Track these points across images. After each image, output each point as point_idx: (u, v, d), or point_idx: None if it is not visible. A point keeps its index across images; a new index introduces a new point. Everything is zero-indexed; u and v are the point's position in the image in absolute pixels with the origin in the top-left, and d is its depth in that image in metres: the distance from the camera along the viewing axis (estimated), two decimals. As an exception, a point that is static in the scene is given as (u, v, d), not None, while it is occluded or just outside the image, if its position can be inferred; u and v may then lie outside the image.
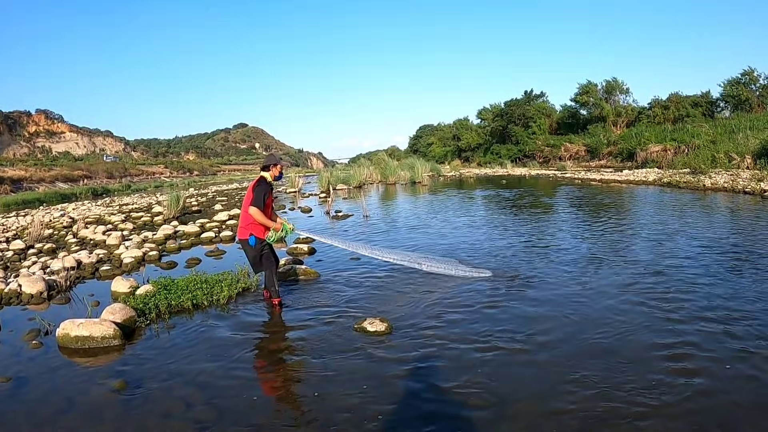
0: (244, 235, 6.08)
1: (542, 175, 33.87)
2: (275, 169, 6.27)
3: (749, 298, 5.51)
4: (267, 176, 6.20)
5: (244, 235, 6.08)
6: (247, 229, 6.04)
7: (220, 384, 4.13)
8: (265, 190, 6.05)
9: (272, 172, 6.24)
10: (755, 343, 4.34)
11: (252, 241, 6.00)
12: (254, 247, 6.02)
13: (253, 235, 6.00)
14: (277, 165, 6.31)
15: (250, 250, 6.08)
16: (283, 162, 6.72)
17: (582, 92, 50.03)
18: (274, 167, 6.26)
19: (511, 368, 4.15)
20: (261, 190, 6.01)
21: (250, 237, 6.00)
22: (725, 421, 3.24)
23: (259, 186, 6.04)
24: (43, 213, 22.00)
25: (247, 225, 6.06)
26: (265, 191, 6.05)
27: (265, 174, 6.21)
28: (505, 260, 7.97)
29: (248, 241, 6.01)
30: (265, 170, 6.24)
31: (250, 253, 6.11)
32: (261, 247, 6.05)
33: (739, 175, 19.19)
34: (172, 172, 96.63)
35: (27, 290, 7.03)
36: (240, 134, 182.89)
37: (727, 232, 9.37)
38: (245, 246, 6.12)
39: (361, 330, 5.10)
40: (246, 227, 6.06)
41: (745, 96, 40.49)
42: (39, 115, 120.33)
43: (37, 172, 63.10)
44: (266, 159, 6.39)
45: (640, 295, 5.83)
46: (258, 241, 6.01)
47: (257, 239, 6.01)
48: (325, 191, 24.74)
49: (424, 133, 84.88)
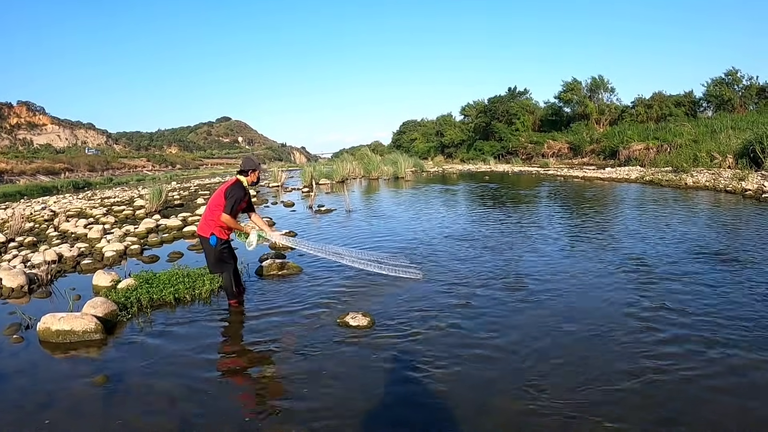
0: (205, 233, 5.88)
1: (525, 171, 34.02)
2: (253, 175, 6.08)
3: (731, 296, 5.63)
4: (243, 181, 6.00)
5: (205, 233, 5.88)
6: (209, 227, 5.85)
7: (202, 379, 4.13)
8: (238, 196, 5.84)
9: (250, 177, 6.05)
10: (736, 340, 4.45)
11: (213, 241, 5.81)
12: (214, 247, 5.83)
13: (215, 235, 5.81)
14: (255, 171, 6.11)
15: (209, 249, 5.87)
16: (261, 167, 6.45)
17: (567, 89, 50.25)
18: (252, 173, 6.07)
19: (492, 363, 4.21)
20: (234, 195, 5.80)
21: (211, 236, 5.81)
22: (702, 412, 3.33)
23: (233, 190, 5.84)
24: (24, 206, 21.70)
25: (210, 224, 5.86)
26: (238, 197, 5.84)
27: (241, 178, 6.00)
28: (488, 255, 8.03)
29: (209, 239, 5.82)
30: (242, 174, 6.05)
31: (209, 252, 5.90)
32: (221, 248, 5.88)
33: (721, 174, 19.43)
34: (154, 166, 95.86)
35: (7, 284, 6.96)
36: (223, 128, 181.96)
37: (709, 230, 9.50)
38: (205, 244, 5.92)
39: (343, 324, 5.13)
40: (208, 225, 5.86)
41: (727, 96, 40.92)
42: (20, 106, 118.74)
43: (18, 164, 62.38)
44: (244, 163, 6.15)
45: (619, 289, 5.95)
46: (219, 241, 5.84)
47: (218, 239, 5.83)
48: (308, 186, 24.67)
49: (407, 129, 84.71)
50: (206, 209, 6.04)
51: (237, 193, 5.83)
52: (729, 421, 3.22)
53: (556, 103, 53.22)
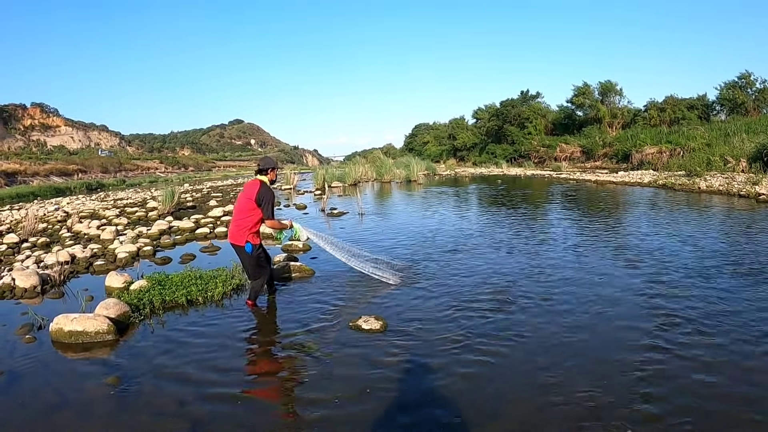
0: (239, 241, 5.87)
1: (537, 175, 33.89)
2: (272, 174, 6.14)
3: (741, 301, 5.54)
4: (266, 180, 6.04)
5: (239, 241, 5.87)
6: (243, 235, 5.85)
7: (214, 382, 4.11)
8: (272, 198, 5.96)
9: (269, 175, 6.10)
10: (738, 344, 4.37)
11: (249, 248, 5.83)
12: (251, 254, 5.87)
13: (249, 242, 5.84)
14: (274, 170, 6.18)
15: (246, 257, 5.89)
16: (279, 166, 6.58)
17: (578, 94, 50.09)
18: (272, 171, 6.14)
19: (505, 369, 4.16)
20: (269, 198, 5.89)
21: (246, 244, 5.83)
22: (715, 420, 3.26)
23: (264, 193, 5.88)
24: (38, 207, 21.89)
25: (242, 231, 5.86)
26: (273, 199, 5.96)
27: (262, 178, 6.03)
28: (500, 260, 7.98)
29: (244, 248, 5.84)
30: (261, 173, 6.06)
31: (247, 260, 5.93)
32: (257, 253, 5.94)
33: (734, 179, 19.23)
34: (167, 168, 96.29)
35: (20, 284, 7.00)
36: (235, 130, 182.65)
37: (724, 235, 9.38)
38: (241, 252, 5.93)
39: (356, 328, 5.10)
40: (241, 232, 5.86)
41: (741, 99, 40.60)
42: (34, 108, 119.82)
43: (31, 165, 62.94)
44: (263, 162, 6.17)
45: (633, 295, 5.87)
46: (254, 247, 5.88)
47: (253, 246, 5.87)
48: (320, 188, 24.68)
49: (419, 132, 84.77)
50: (235, 216, 6.04)
51: (269, 195, 5.94)
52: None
53: (568, 107, 53.01)
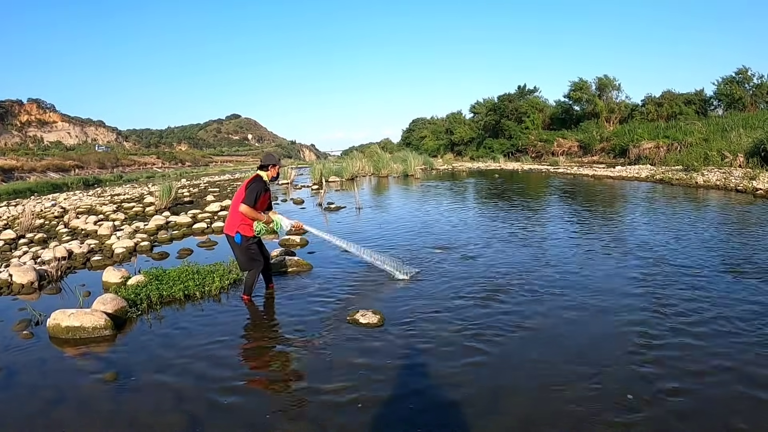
0: (230, 231, 5.94)
1: (535, 169, 33.84)
2: (273, 170, 6.15)
3: (742, 299, 5.55)
4: (264, 175, 6.06)
5: (230, 231, 5.94)
6: (235, 226, 5.91)
7: (212, 376, 4.12)
8: (259, 189, 5.91)
9: (270, 172, 6.11)
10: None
11: (238, 239, 5.88)
12: (240, 245, 5.90)
13: (240, 233, 5.87)
14: (276, 166, 6.18)
15: (236, 247, 5.95)
16: (281, 164, 6.56)
17: (575, 89, 50.01)
18: (273, 168, 6.14)
19: (504, 364, 4.16)
20: (255, 188, 5.88)
21: (236, 234, 5.88)
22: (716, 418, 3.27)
23: (254, 184, 5.92)
24: (34, 203, 21.87)
25: (234, 222, 5.92)
26: (259, 190, 5.91)
27: (261, 173, 6.07)
28: (497, 255, 7.98)
29: (234, 238, 5.90)
30: (262, 169, 6.10)
31: (237, 250, 5.98)
32: (248, 244, 5.94)
33: (732, 173, 19.23)
34: (164, 163, 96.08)
35: (18, 280, 6.99)
36: (232, 125, 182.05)
37: (722, 229, 9.40)
38: (231, 243, 6.00)
39: (354, 322, 5.11)
40: (233, 224, 5.93)
41: (738, 95, 40.53)
42: (31, 104, 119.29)
43: (28, 161, 62.68)
44: (265, 158, 6.22)
45: (632, 288, 5.89)
46: (244, 238, 5.90)
47: (243, 236, 5.89)
48: (317, 183, 24.66)
49: (416, 127, 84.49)
50: (231, 209, 6.11)
51: (257, 187, 5.92)
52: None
53: (565, 102, 52.92)
